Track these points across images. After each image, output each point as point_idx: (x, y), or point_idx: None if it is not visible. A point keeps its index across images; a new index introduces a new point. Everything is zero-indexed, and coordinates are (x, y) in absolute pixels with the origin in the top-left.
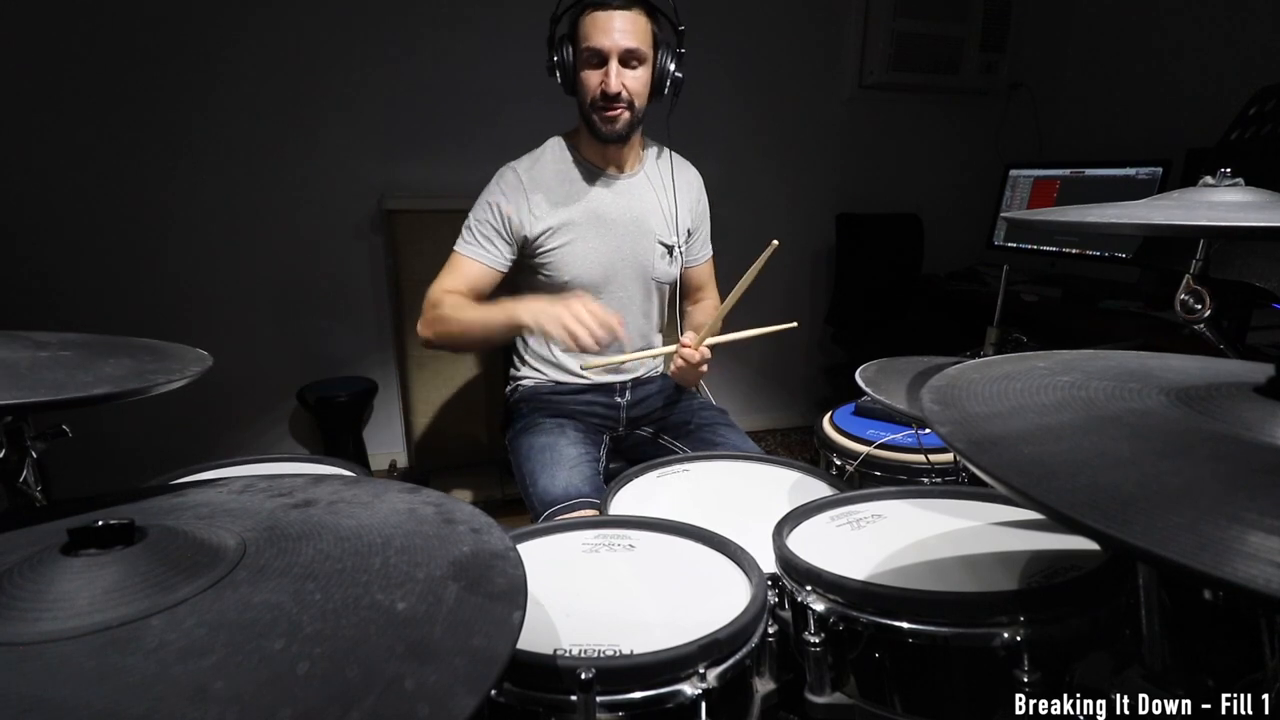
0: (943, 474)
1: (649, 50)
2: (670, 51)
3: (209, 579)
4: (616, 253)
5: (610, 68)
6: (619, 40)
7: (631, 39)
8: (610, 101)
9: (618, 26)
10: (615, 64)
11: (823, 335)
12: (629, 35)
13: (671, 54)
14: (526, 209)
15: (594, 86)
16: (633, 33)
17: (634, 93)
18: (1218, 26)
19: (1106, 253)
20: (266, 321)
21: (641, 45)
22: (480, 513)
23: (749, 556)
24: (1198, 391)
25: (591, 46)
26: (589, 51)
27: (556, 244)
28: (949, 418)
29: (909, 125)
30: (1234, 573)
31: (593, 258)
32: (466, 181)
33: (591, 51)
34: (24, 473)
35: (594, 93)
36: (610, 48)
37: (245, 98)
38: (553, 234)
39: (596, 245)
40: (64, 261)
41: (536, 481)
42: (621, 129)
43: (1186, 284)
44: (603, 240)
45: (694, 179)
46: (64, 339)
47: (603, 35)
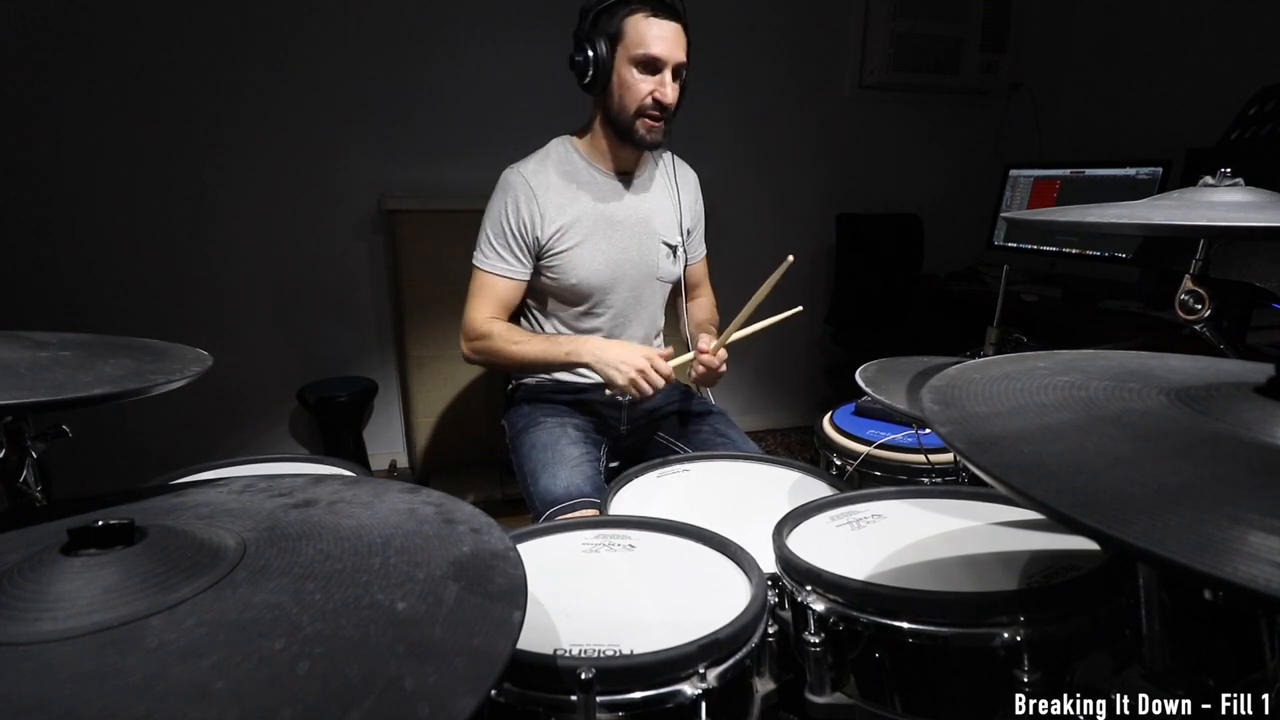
0: (943, 474)
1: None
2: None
3: (209, 579)
4: (624, 254)
5: (665, 77)
6: (675, 53)
7: (683, 53)
8: (662, 110)
9: (674, 38)
10: (669, 74)
11: (823, 335)
12: (683, 49)
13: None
14: (537, 212)
15: (644, 94)
16: (683, 47)
17: (675, 105)
18: (1218, 26)
19: (1106, 253)
20: (266, 321)
21: (686, 60)
22: (480, 513)
23: (749, 556)
24: (1198, 391)
25: (651, 54)
26: (645, 58)
27: (565, 246)
28: (949, 418)
29: (909, 125)
30: (1234, 573)
31: (600, 260)
32: (466, 181)
33: (650, 59)
34: (24, 473)
35: (643, 99)
36: (669, 58)
37: (245, 99)
38: (561, 236)
39: (604, 247)
40: (64, 261)
41: (538, 481)
42: (661, 139)
43: (1186, 284)
44: (610, 242)
45: (692, 179)
46: (64, 339)
47: (663, 44)
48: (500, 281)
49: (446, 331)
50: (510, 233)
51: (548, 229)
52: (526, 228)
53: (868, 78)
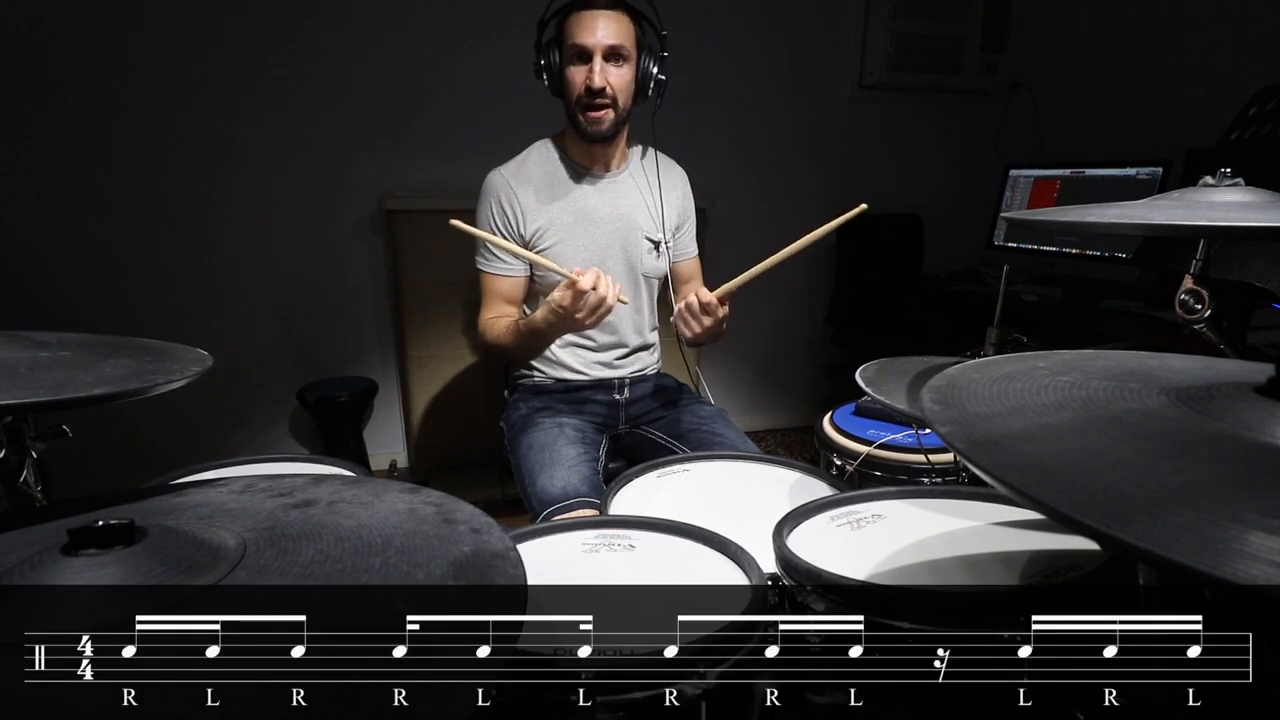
0: (943, 474)
1: (632, 50)
2: (653, 55)
3: (209, 579)
4: (605, 249)
5: (594, 64)
6: (602, 38)
7: (614, 37)
8: (594, 97)
9: (601, 25)
10: (599, 60)
11: (823, 335)
12: (612, 33)
13: (654, 57)
14: (519, 210)
15: (579, 83)
16: (616, 31)
17: (617, 90)
18: (1218, 26)
19: (1106, 253)
20: (266, 321)
21: (625, 43)
22: (480, 513)
23: (749, 556)
24: (1198, 391)
25: (577, 44)
26: (574, 49)
27: (547, 244)
28: (949, 418)
29: (909, 125)
30: (1234, 573)
31: (583, 255)
32: (466, 181)
33: (577, 49)
34: (24, 473)
35: (579, 89)
36: (594, 44)
37: (246, 99)
38: (542, 234)
39: (585, 243)
40: (64, 261)
41: (535, 481)
42: (607, 129)
43: (1186, 284)
44: (591, 238)
45: (680, 177)
46: (64, 339)
47: (587, 33)
48: (501, 280)
49: (446, 331)
50: (499, 232)
51: (529, 227)
52: (512, 226)
53: (868, 78)
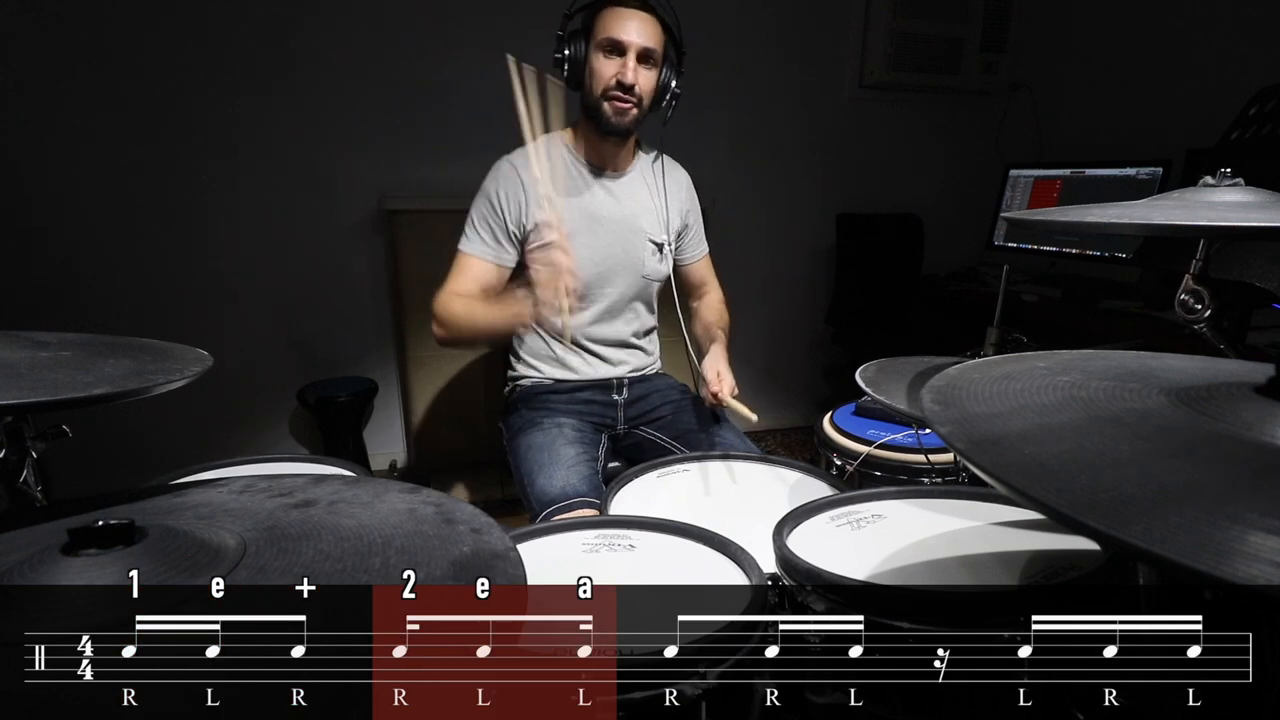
0: (943, 474)
1: (660, 56)
2: (673, 69)
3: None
4: (608, 250)
5: (629, 60)
6: (637, 37)
7: (649, 40)
8: (625, 91)
9: (638, 25)
10: (633, 58)
11: (823, 335)
12: (648, 36)
13: (674, 71)
14: (523, 200)
15: (609, 75)
16: (651, 35)
17: (644, 91)
18: (1218, 26)
19: (1106, 253)
20: (266, 321)
21: (656, 48)
22: (480, 513)
23: (749, 556)
24: (1198, 391)
25: (612, 37)
26: (608, 41)
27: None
28: (949, 418)
29: (909, 125)
30: (1234, 573)
31: (585, 255)
32: (466, 181)
33: (611, 42)
34: (24, 473)
35: (608, 81)
36: (630, 42)
37: (245, 99)
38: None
39: (589, 242)
40: (64, 261)
41: (534, 481)
42: (629, 123)
43: (1186, 284)
44: (595, 238)
45: (684, 179)
46: (64, 339)
47: (624, 29)
48: (478, 263)
49: None
50: (496, 214)
51: (532, 220)
52: (512, 214)
53: (868, 78)
